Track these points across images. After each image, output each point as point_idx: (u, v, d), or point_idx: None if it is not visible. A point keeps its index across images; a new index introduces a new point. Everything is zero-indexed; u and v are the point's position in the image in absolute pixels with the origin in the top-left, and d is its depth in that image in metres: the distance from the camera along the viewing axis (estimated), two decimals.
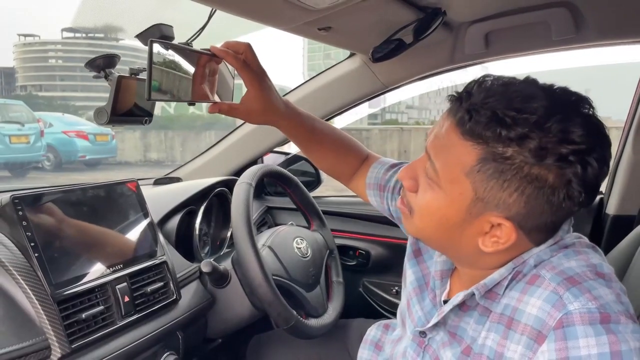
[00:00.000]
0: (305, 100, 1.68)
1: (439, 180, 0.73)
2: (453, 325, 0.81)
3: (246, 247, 1.18)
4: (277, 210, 1.92)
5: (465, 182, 0.70)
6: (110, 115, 1.00)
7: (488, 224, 0.71)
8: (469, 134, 0.69)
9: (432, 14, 1.16)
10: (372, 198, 1.13)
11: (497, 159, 0.67)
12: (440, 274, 0.90)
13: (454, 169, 0.71)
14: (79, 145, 11.83)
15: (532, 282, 0.71)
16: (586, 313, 0.64)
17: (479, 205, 0.71)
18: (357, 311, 1.75)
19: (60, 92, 52.19)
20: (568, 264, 0.70)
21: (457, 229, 0.74)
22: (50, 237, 0.99)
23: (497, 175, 0.67)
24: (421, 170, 0.78)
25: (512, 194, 0.68)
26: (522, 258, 0.74)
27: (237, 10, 0.96)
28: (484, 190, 0.69)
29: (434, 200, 0.75)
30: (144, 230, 1.20)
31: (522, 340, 0.68)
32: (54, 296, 0.94)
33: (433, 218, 0.76)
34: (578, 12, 1.24)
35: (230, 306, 1.34)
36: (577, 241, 0.76)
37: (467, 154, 0.69)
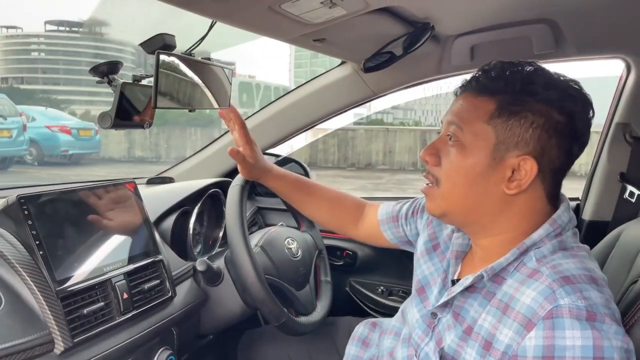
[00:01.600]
0: (297, 105, 1.74)
1: (463, 136, 0.85)
2: (458, 306, 0.89)
3: (240, 248, 1.22)
4: (267, 211, 1.97)
5: (487, 129, 0.83)
6: (113, 119, 1.04)
7: (510, 169, 0.82)
8: (484, 90, 0.85)
9: (421, 28, 1.22)
10: (387, 232, 1.24)
11: (512, 101, 0.82)
12: (455, 254, 0.98)
13: (476, 121, 0.84)
14: (62, 140, 11.71)
15: (532, 275, 0.79)
16: (575, 309, 0.71)
17: (501, 149, 0.82)
18: (344, 309, 1.81)
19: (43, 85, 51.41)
20: (567, 265, 0.78)
21: (482, 178, 0.84)
22: (53, 235, 1.03)
23: (514, 115, 0.81)
24: (442, 143, 0.90)
25: (528, 129, 0.81)
26: (524, 244, 0.83)
27: (237, 23, 1.01)
28: (504, 132, 0.82)
29: (460, 156, 0.86)
30: (141, 229, 1.24)
31: (513, 325, 0.76)
32: (57, 292, 0.98)
33: (460, 173, 0.86)
34: (558, 29, 1.32)
35: (223, 304, 1.38)
36: (576, 245, 0.85)
37: (487, 105, 0.84)
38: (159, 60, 0.90)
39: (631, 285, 1.05)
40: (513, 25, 1.33)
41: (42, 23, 53.47)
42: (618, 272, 1.15)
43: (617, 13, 1.25)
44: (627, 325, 0.87)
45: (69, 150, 11.79)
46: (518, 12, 1.27)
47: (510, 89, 0.83)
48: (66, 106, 29.18)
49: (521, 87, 0.82)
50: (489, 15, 1.29)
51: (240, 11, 0.94)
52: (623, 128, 1.53)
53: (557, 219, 0.85)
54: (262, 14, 0.96)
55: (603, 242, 1.30)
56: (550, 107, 0.81)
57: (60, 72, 52.17)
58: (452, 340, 0.88)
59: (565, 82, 0.84)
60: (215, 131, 11.80)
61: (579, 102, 0.82)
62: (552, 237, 0.84)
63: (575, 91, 0.83)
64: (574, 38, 1.34)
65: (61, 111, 15.49)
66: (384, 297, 1.83)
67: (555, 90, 0.82)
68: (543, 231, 0.83)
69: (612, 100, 1.57)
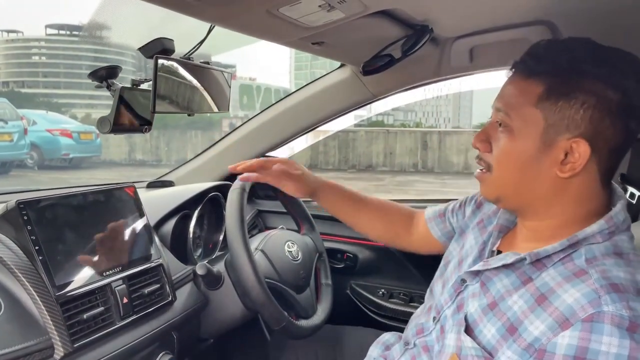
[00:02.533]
0: (297, 107, 1.74)
1: (512, 122, 0.83)
2: (487, 277, 0.89)
3: (240, 252, 1.22)
4: (267, 214, 1.97)
5: (535, 112, 0.81)
6: (112, 124, 1.04)
7: (562, 151, 0.80)
8: (531, 73, 0.82)
9: (420, 30, 1.22)
10: (434, 229, 1.23)
11: (561, 82, 0.79)
12: (499, 228, 0.98)
13: (524, 105, 0.82)
14: (63, 144, 11.73)
15: (579, 275, 0.76)
16: (617, 317, 0.69)
17: (550, 132, 0.80)
18: (345, 312, 1.81)
19: (43, 88, 51.51)
20: (617, 273, 0.75)
21: (533, 163, 0.82)
22: (53, 240, 1.03)
23: (564, 96, 0.79)
24: (492, 129, 0.88)
25: (578, 110, 0.78)
26: (576, 237, 0.80)
27: (235, 27, 1.01)
28: (553, 114, 0.79)
29: (510, 142, 0.84)
30: (141, 233, 1.24)
31: (547, 320, 0.74)
32: (57, 297, 0.98)
33: (511, 159, 0.84)
34: (557, 30, 1.31)
35: (223, 307, 1.38)
36: (632, 252, 0.81)
37: (534, 88, 0.81)
38: (157, 64, 0.90)
39: None
40: (512, 27, 1.33)
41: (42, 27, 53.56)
42: None
43: (616, 13, 1.25)
44: None
45: (69, 154, 11.81)
46: (516, 14, 1.27)
47: (558, 69, 0.80)
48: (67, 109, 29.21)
49: (570, 67, 0.79)
50: (488, 18, 1.29)
51: (239, 15, 0.94)
52: None
53: (614, 216, 0.81)
54: (261, 18, 0.96)
55: None
56: (602, 85, 0.77)
57: (61, 76, 52.29)
58: (475, 309, 0.87)
59: (617, 55, 0.81)
60: (216, 134, 11.84)
61: (632, 76, 0.78)
62: (606, 235, 0.81)
63: (627, 65, 0.79)
64: None
65: (62, 114, 15.55)
66: (384, 300, 1.82)
67: (606, 66, 0.78)
68: (597, 227, 0.80)
69: None
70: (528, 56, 0.85)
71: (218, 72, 1.20)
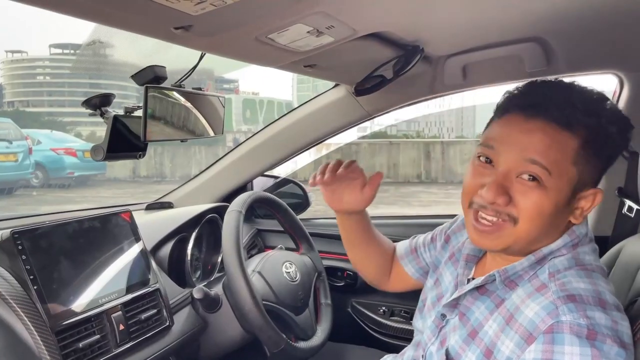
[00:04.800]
0: (293, 127, 1.74)
1: (548, 180, 0.77)
2: (465, 306, 0.89)
3: (237, 275, 1.22)
4: (267, 233, 1.97)
5: (572, 170, 0.78)
6: (106, 152, 1.05)
7: (588, 202, 0.82)
8: (566, 125, 0.78)
9: (411, 51, 1.23)
10: (408, 266, 1.21)
11: (597, 138, 0.79)
12: (466, 257, 0.98)
13: (562, 162, 0.78)
14: (68, 162, 11.77)
15: (539, 289, 0.79)
16: (575, 326, 0.71)
17: (579, 186, 0.80)
18: (346, 331, 1.80)
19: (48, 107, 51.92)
20: (577, 284, 0.77)
21: (558, 214, 0.81)
22: (48, 269, 1.04)
23: (597, 153, 0.79)
24: (508, 181, 0.80)
25: (604, 166, 0.81)
26: (541, 252, 0.83)
27: (226, 54, 1.02)
28: (586, 171, 0.79)
29: (544, 198, 0.78)
30: (137, 259, 1.25)
31: (514, 338, 0.76)
32: (52, 327, 0.98)
33: (544, 214, 0.79)
34: (548, 46, 1.32)
35: (222, 330, 1.38)
36: (595, 264, 0.84)
37: (570, 142, 0.78)
38: (147, 94, 0.91)
39: (630, 305, 1.04)
40: (504, 44, 1.34)
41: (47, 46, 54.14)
42: (619, 290, 1.13)
43: (607, 29, 1.25)
44: None
45: (74, 173, 11.84)
46: (508, 31, 1.28)
47: (593, 121, 0.78)
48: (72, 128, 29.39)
49: (605, 124, 0.79)
50: (479, 36, 1.30)
51: (228, 43, 0.95)
52: None
53: (577, 229, 0.84)
54: (250, 45, 0.96)
55: (604, 259, 1.28)
56: (622, 139, 0.82)
57: (65, 94, 52.70)
58: (455, 341, 0.87)
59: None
60: (220, 149, 11.85)
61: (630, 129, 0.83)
62: (570, 248, 0.83)
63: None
64: (565, 55, 1.34)
65: (67, 133, 15.61)
66: (385, 318, 1.81)
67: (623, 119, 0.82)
68: (561, 241, 0.83)
69: None
70: (565, 103, 0.79)
71: (211, 96, 1.21)
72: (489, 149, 0.83)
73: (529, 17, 1.15)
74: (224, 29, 0.88)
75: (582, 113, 0.78)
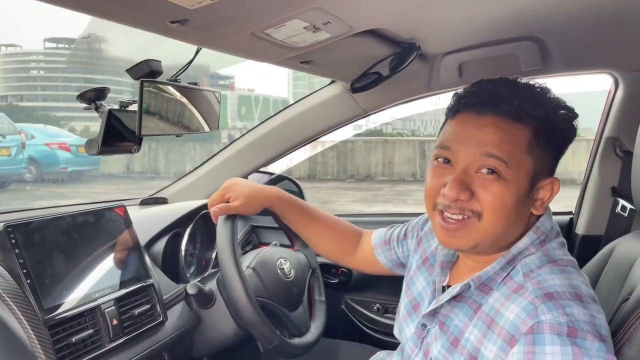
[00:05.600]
0: (288, 124, 1.74)
1: (508, 171, 0.80)
2: (444, 315, 0.89)
3: (231, 271, 1.22)
4: (261, 229, 1.96)
5: (528, 160, 0.81)
6: (100, 146, 1.05)
7: (547, 192, 0.84)
8: (517, 117, 0.81)
9: (407, 48, 1.23)
10: (381, 256, 1.24)
11: (548, 128, 0.82)
12: (441, 264, 0.98)
13: (517, 153, 0.81)
14: (61, 157, 11.70)
15: (517, 291, 0.79)
16: (556, 324, 0.72)
17: (537, 177, 0.83)
18: (340, 328, 1.80)
19: (42, 102, 51.61)
20: (552, 281, 0.78)
21: (520, 206, 0.83)
22: (41, 263, 1.03)
23: (549, 143, 0.82)
24: (468, 177, 0.82)
25: (557, 154, 0.84)
26: (510, 253, 0.84)
27: (222, 49, 1.02)
28: (540, 161, 0.82)
29: (504, 190, 0.80)
30: (131, 254, 1.24)
31: (497, 341, 0.76)
32: (45, 321, 0.98)
33: (506, 207, 0.81)
34: (544, 46, 1.33)
35: (216, 326, 1.37)
36: (565, 258, 0.85)
37: (523, 134, 0.81)
38: (143, 88, 0.90)
39: (622, 303, 1.04)
40: (500, 43, 1.34)
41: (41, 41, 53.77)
42: (611, 288, 1.14)
43: (602, 29, 1.26)
44: (617, 344, 0.86)
45: (68, 168, 11.78)
46: (504, 30, 1.28)
47: (541, 113, 0.82)
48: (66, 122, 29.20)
49: (552, 113, 0.83)
50: (475, 34, 1.30)
51: (224, 38, 0.95)
52: (613, 142, 1.53)
53: (540, 225, 0.86)
54: (246, 40, 0.96)
55: (596, 257, 1.29)
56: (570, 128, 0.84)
57: (59, 89, 52.42)
58: (438, 351, 0.88)
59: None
60: (215, 146, 11.82)
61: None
62: (537, 245, 0.85)
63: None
64: (560, 55, 1.35)
65: (60, 128, 15.53)
66: (379, 315, 1.82)
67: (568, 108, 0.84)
68: (528, 239, 0.84)
69: (602, 114, 1.57)
70: (513, 97, 0.82)
71: (207, 91, 1.21)
72: (446, 149, 0.85)
73: (525, 16, 1.15)
74: (220, 23, 0.87)
75: (530, 105, 0.81)
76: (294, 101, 1.81)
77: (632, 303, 0.92)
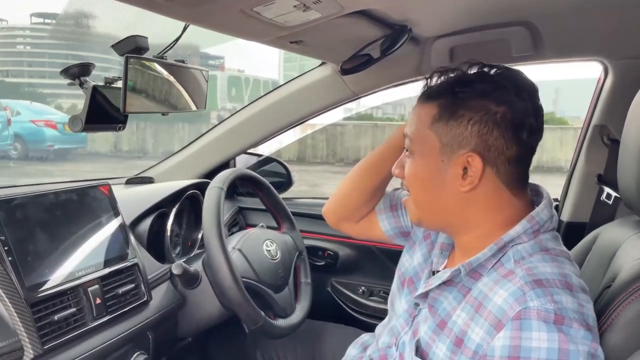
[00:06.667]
0: (277, 105, 1.73)
1: (413, 146, 0.89)
2: (433, 298, 0.90)
3: (216, 252, 1.22)
4: (248, 211, 1.96)
5: (430, 134, 0.86)
6: (84, 123, 1.03)
7: (460, 167, 0.84)
8: (428, 97, 0.88)
9: (398, 30, 1.21)
10: (384, 222, 1.17)
11: (450, 104, 0.84)
12: (441, 246, 1.00)
13: (420, 129, 0.87)
14: (48, 135, 11.55)
15: (506, 276, 0.79)
16: (543, 311, 0.72)
17: (446, 151, 0.85)
18: (326, 310, 1.81)
19: (28, 78, 50.74)
20: (543, 269, 0.78)
21: (437, 182, 0.87)
22: (24, 241, 1.02)
23: (453, 117, 0.83)
24: (404, 156, 0.93)
25: (466, 127, 0.82)
26: (502, 240, 0.83)
27: (210, 26, 1.00)
28: (445, 134, 0.84)
29: (412, 165, 0.90)
30: (115, 233, 1.23)
31: (484, 325, 0.77)
32: (27, 299, 0.97)
33: (416, 180, 0.90)
34: (536, 32, 1.32)
35: (201, 306, 1.37)
36: (558, 249, 0.85)
37: (429, 112, 0.86)
38: (128, 64, 0.88)
39: (605, 289, 1.05)
40: (492, 27, 1.33)
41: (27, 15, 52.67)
42: (594, 275, 1.15)
43: (594, 16, 1.26)
44: (599, 330, 0.87)
45: (54, 145, 11.64)
46: (496, 14, 1.27)
47: (447, 91, 0.85)
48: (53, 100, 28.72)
49: (457, 88, 0.84)
50: (468, 18, 1.29)
51: (212, 15, 0.93)
52: (601, 130, 1.54)
53: (536, 215, 0.85)
54: (235, 17, 0.94)
55: (580, 244, 1.30)
56: (486, 101, 0.82)
57: (46, 65, 51.48)
58: (425, 332, 0.88)
59: (500, 74, 0.86)
60: (204, 126, 11.72)
61: (512, 91, 0.82)
62: (530, 234, 0.84)
63: (508, 81, 0.84)
64: (552, 41, 1.34)
65: (47, 105, 15.31)
66: (364, 298, 1.83)
67: (488, 83, 0.83)
68: (520, 227, 0.84)
69: (590, 102, 1.58)
70: (426, 81, 0.90)
71: (194, 69, 1.19)
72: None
73: (517, 0, 1.14)
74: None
75: (437, 86, 0.88)
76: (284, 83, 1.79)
77: (614, 290, 0.93)
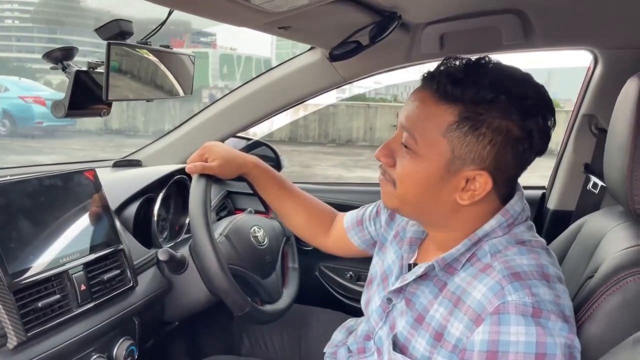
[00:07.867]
0: (267, 89, 1.71)
1: (417, 147, 0.82)
2: (410, 292, 0.91)
3: (203, 238, 1.21)
4: (237, 195, 1.95)
5: (442, 142, 0.79)
6: (67, 109, 1.01)
7: (464, 180, 0.81)
8: (445, 98, 0.79)
9: (388, 17, 1.20)
10: (354, 238, 1.23)
11: (473, 116, 0.77)
12: (409, 241, 0.99)
13: (431, 132, 0.80)
14: (36, 112, 11.38)
15: (484, 270, 0.80)
16: (521, 305, 0.73)
17: (456, 163, 0.80)
18: (314, 294, 1.82)
19: (17, 53, 49.89)
20: (520, 261, 0.79)
21: (435, 188, 0.83)
22: (7, 227, 1.00)
23: (472, 131, 0.77)
24: (396, 145, 0.87)
25: (485, 146, 0.78)
26: (476, 235, 0.83)
27: (196, 12, 0.98)
28: (460, 147, 0.79)
29: (414, 165, 0.83)
30: (101, 218, 1.22)
31: (464, 320, 0.77)
32: (10, 286, 0.96)
33: (413, 181, 0.84)
34: (527, 20, 1.31)
35: (187, 292, 1.37)
36: (534, 239, 0.85)
37: (444, 116, 0.79)
38: (110, 51, 0.86)
39: (587, 280, 1.06)
40: (482, 14, 1.32)
41: None
42: (578, 264, 1.16)
43: (584, 5, 1.25)
44: (579, 320, 0.89)
45: (43, 122, 11.48)
46: (487, 1, 1.26)
47: (474, 100, 0.77)
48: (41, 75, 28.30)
49: (483, 100, 0.77)
50: (458, 4, 1.28)
51: (198, 0, 0.91)
52: (589, 119, 1.54)
53: (510, 209, 0.85)
54: (221, 4, 0.92)
55: (566, 233, 1.31)
56: (509, 122, 0.77)
57: (35, 40, 50.62)
58: (403, 327, 0.89)
59: (531, 89, 0.79)
60: (195, 106, 11.62)
61: (541, 118, 0.78)
62: (505, 228, 0.84)
63: (540, 104, 0.79)
64: (542, 29, 1.33)
65: (36, 81, 15.06)
66: (352, 282, 1.84)
67: (519, 104, 0.77)
68: (495, 222, 0.84)
69: (579, 91, 1.58)
70: (446, 77, 0.79)
71: (181, 55, 1.17)
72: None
73: None
74: None
75: (463, 89, 0.78)
76: (277, 62, 1.77)
77: (596, 280, 0.94)
